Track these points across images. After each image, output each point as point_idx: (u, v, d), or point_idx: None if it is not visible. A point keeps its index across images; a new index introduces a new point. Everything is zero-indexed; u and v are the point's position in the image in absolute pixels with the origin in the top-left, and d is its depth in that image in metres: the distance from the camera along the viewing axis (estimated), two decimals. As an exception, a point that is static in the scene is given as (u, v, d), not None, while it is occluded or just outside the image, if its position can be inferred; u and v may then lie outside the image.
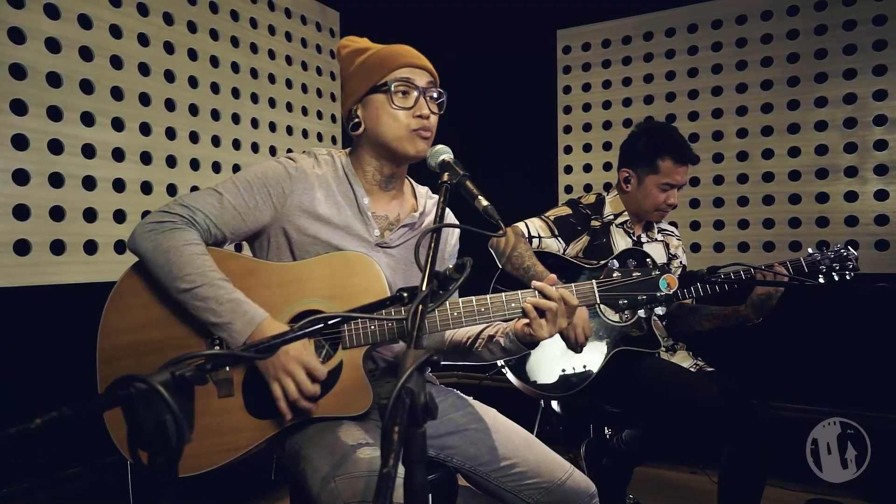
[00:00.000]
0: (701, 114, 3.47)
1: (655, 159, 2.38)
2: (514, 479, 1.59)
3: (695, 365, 2.38)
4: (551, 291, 1.45)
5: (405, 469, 0.92)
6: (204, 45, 2.85)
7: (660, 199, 2.38)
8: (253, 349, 0.86)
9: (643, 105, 3.60)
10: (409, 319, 0.98)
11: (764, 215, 3.32)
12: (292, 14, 3.32)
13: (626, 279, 1.51)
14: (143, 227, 1.42)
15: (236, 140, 3.01)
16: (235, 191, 1.51)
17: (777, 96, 3.29)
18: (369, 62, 1.60)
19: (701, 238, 3.48)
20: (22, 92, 2.21)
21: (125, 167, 2.54)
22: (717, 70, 3.42)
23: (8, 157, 2.19)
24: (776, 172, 3.30)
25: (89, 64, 2.42)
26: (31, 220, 2.25)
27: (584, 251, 2.40)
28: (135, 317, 1.43)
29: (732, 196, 3.40)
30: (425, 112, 1.59)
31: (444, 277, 1.12)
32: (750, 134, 3.36)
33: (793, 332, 3.17)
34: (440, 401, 1.70)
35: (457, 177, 1.41)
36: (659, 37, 3.55)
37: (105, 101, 2.48)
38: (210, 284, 1.38)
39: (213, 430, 1.39)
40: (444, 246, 1.77)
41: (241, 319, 1.37)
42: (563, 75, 3.81)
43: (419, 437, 0.91)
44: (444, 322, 1.46)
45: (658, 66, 3.56)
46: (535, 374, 2.23)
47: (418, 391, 0.87)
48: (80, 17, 2.39)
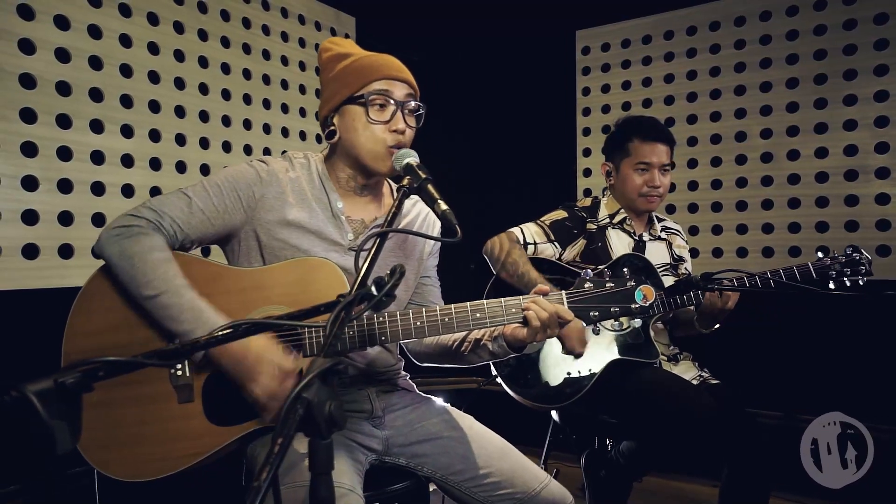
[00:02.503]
0: (723, 114, 3.35)
1: (625, 143, 2.40)
2: (486, 489, 1.56)
3: (699, 377, 2.28)
4: (545, 303, 1.43)
5: (311, 481, 0.90)
6: (214, 52, 2.90)
7: (637, 181, 2.35)
8: (156, 357, 0.85)
9: (664, 106, 3.50)
10: (327, 326, 0.95)
11: (790, 219, 3.18)
12: (306, 20, 3.35)
13: (598, 290, 1.46)
14: (109, 231, 1.43)
15: (247, 145, 3.05)
16: (205, 194, 1.51)
17: (803, 94, 3.15)
18: (348, 71, 1.59)
19: (723, 243, 3.35)
20: (31, 101, 2.29)
21: (134, 173, 2.60)
22: (741, 68, 3.30)
23: (17, 164, 2.26)
24: (802, 174, 3.16)
25: (99, 73, 2.49)
26: (40, 225, 2.32)
27: (582, 255, 2.33)
28: (101, 320, 1.44)
29: (756, 199, 3.27)
30: (401, 127, 1.57)
31: (379, 282, 1.09)
32: (775, 134, 3.22)
33: (805, 342, 3.07)
34: (413, 408, 1.68)
35: (418, 181, 1.38)
36: (680, 35, 3.45)
37: (114, 108, 2.54)
38: (173, 292, 1.38)
39: (171, 436, 1.39)
40: (414, 251, 1.73)
41: (202, 328, 1.36)
42: (583, 77, 3.74)
43: (324, 449, 0.88)
44: (433, 327, 1.44)
45: (679, 65, 3.46)
46: (529, 383, 2.18)
47: (322, 401, 0.85)
48: (90, 27, 2.46)
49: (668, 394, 2.04)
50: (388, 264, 1.65)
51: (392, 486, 1.58)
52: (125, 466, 1.39)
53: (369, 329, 1.42)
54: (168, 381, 1.41)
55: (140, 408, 1.41)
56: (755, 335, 3.12)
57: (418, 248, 1.73)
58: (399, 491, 1.58)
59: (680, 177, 3.45)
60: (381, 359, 1.67)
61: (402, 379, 1.76)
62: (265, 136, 3.13)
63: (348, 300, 0.98)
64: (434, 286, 1.80)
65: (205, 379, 1.42)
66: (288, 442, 0.76)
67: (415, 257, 1.72)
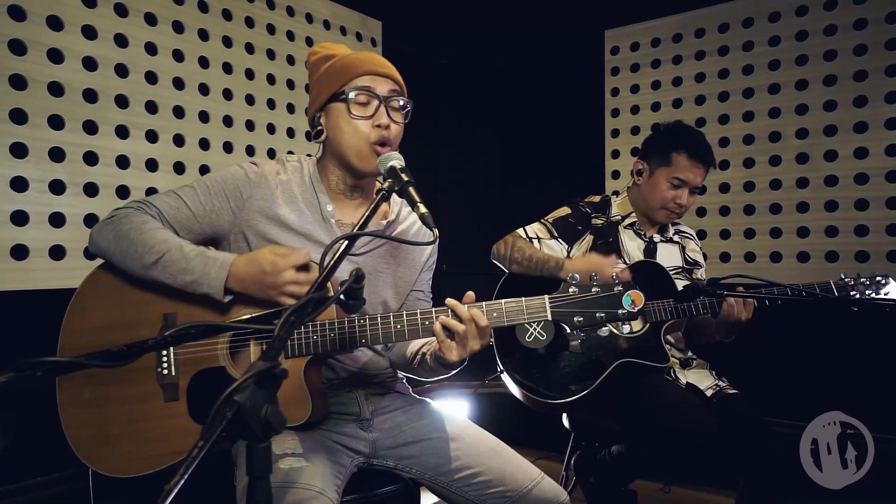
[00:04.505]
0: (757, 113, 3.23)
1: (670, 152, 2.28)
2: (477, 488, 1.54)
3: (715, 386, 2.20)
4: (462, 311, 1.38)
5: (248, 484, 0.89)
6: (239, 58, 2.96)
7: (668, 195, 2.26)
8: (99, 358, 0.87)
9: (694, 106, 3.39)
10: (276, 328, 0.95)
11: (826, 223, 3.04)
12: (331, 25, 3.38)
13: (583, 294, 1.42)
14: (99, 225, 1.50)
15: (271, 149, 3.10)
16: (193, 193, 1.55)
17: (842, 92, 3.01)
18: (332, 70, 1.60)
19: (756, 247, 3.22)
20: (59, 108, 2.38)
21: (158, 177, 2.67)
22: (775, 66, 3.17)
23: (45, 169, 2.36)
24: (840, 176, 3.01)
25: (124, 80, 2.57)
26: (66, 227, 2.41)
27: (590, 252, 2.28)
28: (96, 318, 1.49)
29: (791, 202, 3.13)
30: (384, 121, 1.56)
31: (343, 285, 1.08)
32: (811, 134, 3.09)
33: (827, 350, 2.95)
34: (404, 411, 1.67)
35: (400, 183, 1.38)
36: (712, 33, 3.34)
37: (139, 114, 2.62)
38: (175, 248, 1.43)
39: (157, 434, 1.42)
40: (407, 259, 1.72)
41: (214, 266, 1.41)
42: (611, 77, 3.67)
43: (261, 452, 0.88)
44: (413, 331, 1.44)
45: (711, 63, 3.35)
46: (534, 383, 2.14)
47: (257, 404, 0.85)
48: (117, 36, 2.55)
49: (665, 406, 1.98)
50: (380, 270, 1.65)
51: (381, 489, 1.58)
52: (114, 463, 1.43)
53: (350, 332, 1.43)
54: (155, 379, 1.44)
55: (129, 406, 1.45)
56: (775, 342, 2.99)
57: (412, 257, 1.73)
58: (388, 494, 1.58)
59: (711, 179, 3.34)
60: (374, 362, 1.67)
61: (396, 382, 1.76)
62: (289, 139, 3.18)
63: (298, 304, 0.98)
64: (425, 300, 1.80)
65: (190, 378, 1.45)
66: (207, 445, 0.76)
67: (407, 265, 1.72)
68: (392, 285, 1.68)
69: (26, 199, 2.31)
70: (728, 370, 2.33)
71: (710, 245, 3.32)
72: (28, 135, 2.30)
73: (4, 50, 2.23)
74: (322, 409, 1.49)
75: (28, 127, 2.30)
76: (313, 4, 3.29)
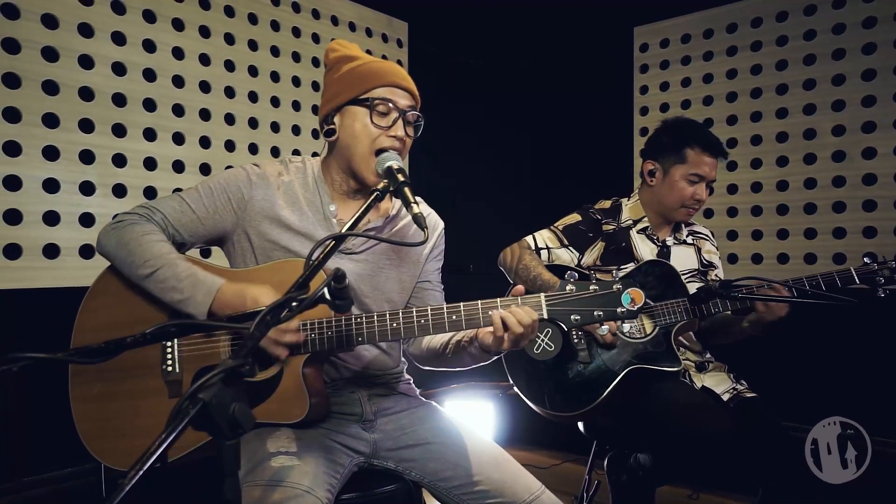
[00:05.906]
0: (791, 110, 3.12)
1: (683, 148, 2.21)
2: (475, 497, 1.53)
3: (732, 389, 2.14)
4: (525, 315, 1.38)
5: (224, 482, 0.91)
6: (264, 61, 3.01)
7: (687, 192, 2.20)
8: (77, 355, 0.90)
9: (725, 103, 3.31)
10: (252, 327, 0.97)
11: (864, 223, 2.92)
12: (356, 27, 3.41)
13: (580, 293, 1.40)
14: (105, 228, 1.54)
15: (296, 150, 3.15)
16: (196, 196, 1.58)
17: (880, 88, 2.90)
18: (357, 72, 1.61)
19: (789, 248, 3.12)
20: (89, 112, 2.46)
21: (185, 178, 2.74)
22: (810, 61, 3.07)
23: (75, 171, 2.45)
24: (879, 174, 2.90)
25: (152, 84, 2.65)
26: (96, 227, 2.50)
27: (602, 258, 2.24)
28: (106, 316, 1.54)
29: (826, 202, 3.03)
30: (400, 134, 1.58)
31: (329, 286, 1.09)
32: (848, 131, 2.98)
33: (850, 352, 2.88)
34: (409, 413, 1.67)
35: (396, 183, 1.39)
36: (744, 28, 3.25)
37: (166, 117, 2.69)
38: (168, 265, 1.46)
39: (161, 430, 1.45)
40: (410, 254, 1.72)
41: (201, 291, 1.43)
42: (641, 74, 3.60)
43: (230, 450, 0.90)
44: (409, 329, 1.44)
45: (743, 59, 3.26)
46: (544, 395, 2.12)
47: (224, 402, 0.86)
48: (145, 41, 2.62)
49: (680, 412, 1.93)
50: (382, 266, 1.66)
51: (380, 489, 1.58)
52: (120, 456, 1.47)
53: (346, 330, 1.43)
54: (161, 376, 1.48)
55: (135, 401, 1.49)
56: (796, 343, 2.88)
57: (414, 251, 1.73)
58: (387, 493, 1.58)
59: (743, 178, 3.26)
60: (379, 362, 1.68)
61: (402, 383, 1.76)
62: (313, 140, 3.22)
63: (275, 304, 0.99)
64: (435, 290, 1.79)
65: (193, 375, 1.48)
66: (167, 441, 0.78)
67: (410, 259, 1.72)
68: (396, 280, 1.69)
69: (58, 200, 2.40)
70: (748, 372, 2.26)
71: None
72: (59, 138, 2.39)
73: (37, 56, 2.32)
74: (322, 408, 1.50)
75: (59, 130, 2.39)
76: (339, 7, 3.32)
